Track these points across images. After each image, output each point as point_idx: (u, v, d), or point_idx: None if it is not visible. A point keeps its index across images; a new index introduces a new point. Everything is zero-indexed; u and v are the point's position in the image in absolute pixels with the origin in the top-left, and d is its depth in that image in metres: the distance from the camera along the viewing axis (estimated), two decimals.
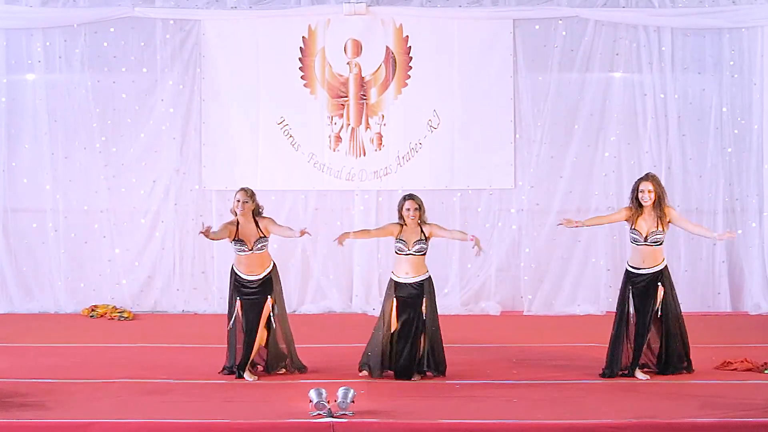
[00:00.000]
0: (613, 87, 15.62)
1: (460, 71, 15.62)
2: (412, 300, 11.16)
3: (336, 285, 15.73)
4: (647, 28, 15.50)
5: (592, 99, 15.59)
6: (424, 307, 11.17)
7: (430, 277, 11.29)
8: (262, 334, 11.26)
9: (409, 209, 11.18)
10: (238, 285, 11.30)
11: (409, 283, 11.18)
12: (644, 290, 11.07)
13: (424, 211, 11.26)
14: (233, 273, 11.36)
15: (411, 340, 11.12)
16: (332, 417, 9.31)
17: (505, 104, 15.62)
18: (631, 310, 11.12)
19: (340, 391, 9.53)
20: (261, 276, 11.30)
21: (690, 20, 15.45)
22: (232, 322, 11.25)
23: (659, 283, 11.08)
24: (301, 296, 15.69)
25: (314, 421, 9.29)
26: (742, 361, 11.52)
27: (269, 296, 11.27)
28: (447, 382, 10.99)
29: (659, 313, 11.10)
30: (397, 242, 11.19)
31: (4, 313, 15.36)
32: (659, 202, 11.07)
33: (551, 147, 15.59)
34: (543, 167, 15.60)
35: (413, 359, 11.14)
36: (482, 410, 9.79)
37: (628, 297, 11.14)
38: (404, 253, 11.17)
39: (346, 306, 15.64)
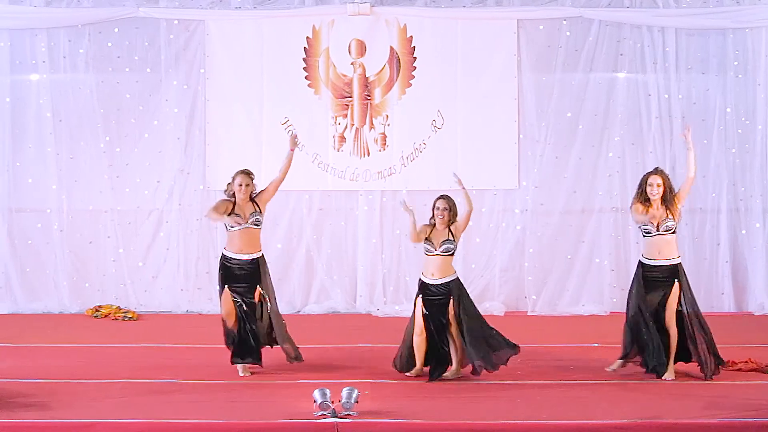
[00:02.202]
0: (617, 87, 15.61)
1: (464, 71, 15.62)
2: (438, 302, 11.15)
3: (340, 285, 15.72)
4: (651, 29, 15.49)
5: (596, 99, 15.58)
6: (451, 308, 11.15)
7: (457, 278, 11.28)
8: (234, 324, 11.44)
9: (439, 208, 11.22)
10: (227, 272, 11.36)
11: (435, 285, 11.18)
12: (657, 283, 11.07)
13: (455, 214, 11.25)
14: (223, 259, 11.43)
15: (437, 341, 11.13)
16: (336, 417, 9.32)
17: (509, 104, 15.62)
18: (636, 302, 11.12)
19: (344, 392, 9.54)
20: (251, 257, 11.38)
21: (694, 20, 15.44)
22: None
23: (675, 280, 11.08)
24: (305, 296, 15.68)
25: (318, 421, 9.29)
26: (746, 362, 11.52)
27: (258, 286, 11.42)
28: (449, 382, 10.99)
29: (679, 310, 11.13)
30: (425, 243, 11.20)
31: (8, 313, 15.35)
32: (668, 195, 11.10)
33: (555, 147, 15.59)
34: (547, 167, 15.59)
35: (441, 360, 11.15)
36: (486, 410, 9.80)
37: (635, 289, 11.13)
38: (431, 253, 11.18)
39: (350, 306, 15.63)
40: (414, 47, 15.63)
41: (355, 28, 15.61)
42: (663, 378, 10.96)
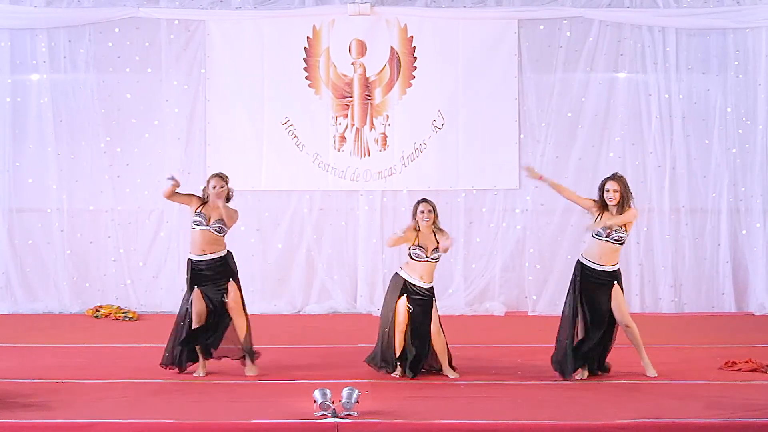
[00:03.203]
0: (617, 87, 15.63)
1: (464, 71, 15.63)
2: (424, 304, 11.17)
3: (340, 285, 15.73)
4: (652, 29, 15.51)
5: (597, 99, 15.60)
6: (433, 312, 11.23)
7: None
8: (241, 322, 11.23)
9: (423, 211, 11.17)
10: (194, 273, 11.21)
11: (422, 287, 11.18)
12: (597, 287, 11.03)
13: (437, 216, 11.26)
14: (190, 263, 11.26)
15: (424, 339, 11.15)
16: (337, 417, 9.31)
17: (510, 104, 15.63)
18: (580, 305, 11.09)
19: (345, 392, 9.53)
20: (214, 256, 11.22)
21: (694, 20, 15.45)
22: (185, 315, 11.26)
23: (615, 282, 11.05)
24: (306, 296, 15.69)
25: (319, 421, 9.29)
26: (746, 362, 11.52)
27: (231, 279, 11.26)
28: (451, 382, 10.99)
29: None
30: (415, 248, 11.16)
31: (8, 313, 15.36)
32: (623, 203, 11.01)
33: (556, 147, 15.60)
34: (547, 167, 15.55)
35: (423, 358, 11.18)
36: (487, 410, 9.79)
37: (579, 291, 11.11)
38: (421, 259, 11.16)
39: (350, 306, 15.64)
40: (414, 47, 15.63)
41: (356, 28, 15.62)
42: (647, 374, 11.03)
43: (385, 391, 10.53)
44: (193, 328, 11.16)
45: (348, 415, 9.37)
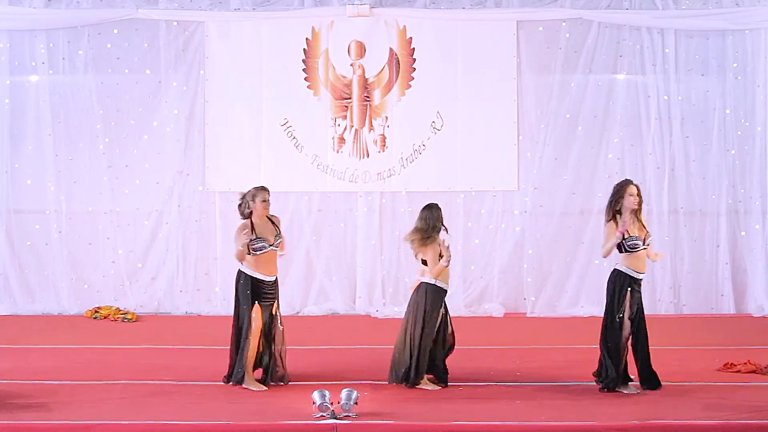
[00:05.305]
0: (616, 89, 15.62)
1: (463, 73, 15.63)
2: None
3: (339, 287, 15.71)
4: (651, 30, 15.51)
5: (596, 101, 15.59)
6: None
7: None
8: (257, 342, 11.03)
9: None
10: (257, 290, 10.82)
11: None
12: (639, 297, 10.92)
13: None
14: (249, 278, 10.80)
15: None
16: (335, 419, 9.32)
17: (509, 106, 15.62)
18: (627, 317, 10.92)
19: (344, 393, 9.54)
20: (275, 276, 10.99)
21: (693, 22, 15.46)
22: (245, 329, 10.82)
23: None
24: (304, 298, 15.67)
25: (317, 422, 9.29)
26: (745, 363, 11.52)
27: (275, 301, 11.04)
28: (450, 384, 10.97)
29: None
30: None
31: (7, 314, 15.34)
32: (640, 209, 10.95)
33: (555, 148, 15.60)
34: (546, 169, 15.59)
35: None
36: (485, 412, 9.79)
37: (627, 303, 10.92)
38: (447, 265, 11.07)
39: (349, 308, 15.62)
40: (413, 48, 15.63)
41: (355, 29, 15.61)
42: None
43: (383, 392, 10.53)
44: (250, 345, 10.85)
45: (347, 416, 9.37)
